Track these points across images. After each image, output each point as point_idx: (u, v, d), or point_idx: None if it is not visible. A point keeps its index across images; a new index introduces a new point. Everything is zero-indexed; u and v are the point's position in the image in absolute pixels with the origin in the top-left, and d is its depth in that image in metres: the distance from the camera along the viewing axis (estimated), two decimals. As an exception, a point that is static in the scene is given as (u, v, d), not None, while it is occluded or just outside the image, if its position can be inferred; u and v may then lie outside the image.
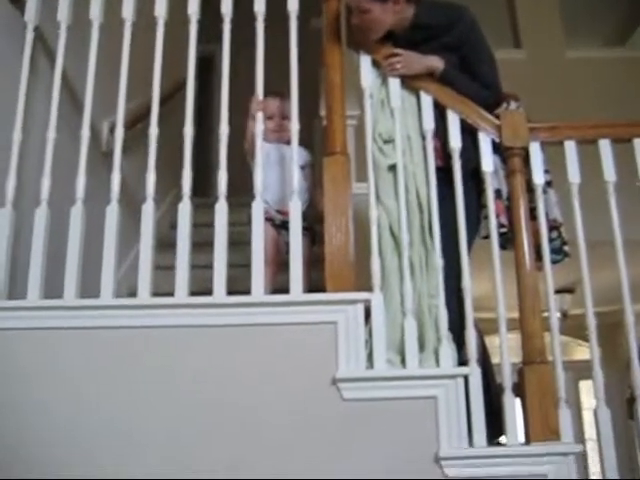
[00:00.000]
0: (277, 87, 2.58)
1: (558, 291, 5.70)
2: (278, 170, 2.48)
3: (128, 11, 2.29)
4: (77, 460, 1.87)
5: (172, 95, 3.56)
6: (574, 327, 5.54)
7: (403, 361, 1.97)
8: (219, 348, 1.95)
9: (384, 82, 2.24)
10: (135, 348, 1.96)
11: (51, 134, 2.17)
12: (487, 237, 2.14)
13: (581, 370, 6.53)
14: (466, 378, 1.94)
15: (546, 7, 5.36)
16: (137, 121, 3.12)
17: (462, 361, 1.99)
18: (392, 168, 2.15)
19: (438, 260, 2.02)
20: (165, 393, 1.93)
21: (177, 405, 1.91)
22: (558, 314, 2.09)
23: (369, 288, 1.99)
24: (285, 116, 2.48)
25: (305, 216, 2.22)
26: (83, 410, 1.91)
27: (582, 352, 7.61)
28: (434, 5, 2.30)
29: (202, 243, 2.27)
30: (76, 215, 2.08)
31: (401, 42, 2.26)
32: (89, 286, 2.08)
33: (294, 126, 2.17)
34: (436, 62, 2.21)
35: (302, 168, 2.52)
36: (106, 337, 1.96)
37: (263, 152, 2.19)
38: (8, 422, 1.90)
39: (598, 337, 2.07)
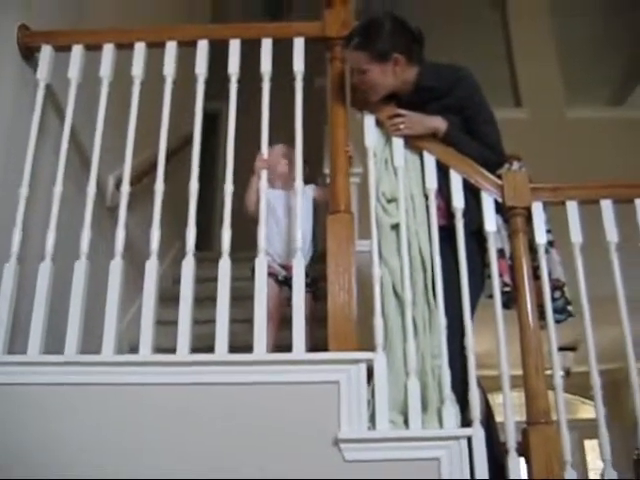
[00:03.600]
0: (281, 143, 2.63)
1: (561, 349, 5.64)
2: (283, 222, 2.49)
3: (137, 69, 2.34)
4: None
5: (177, 151, 3.61)
6: (577, 385, 5.49)
7: (406, 421, 1.95)
8: (220, 406, 1.93)
9: (388, 141, 2.28)
10: (135, 405, 1.94)
11: (58, 189, 2.19)
12: (492, 296, 2.14)
13: (586, 429, 6.44)
14: (469, 439, 1.91)
15: (546, 67, 5.46)
16: (142, 176, 3.15)
17: (466, 421, 1.96)
18: (395, 227, 2.16)
19: (441, 320, 2.02)
20: (163, 450, 1.90)
21: (175, 463, 1.88)
22: (561, 372, 2.06)
23: (372, 347, 1.98)
24: (291, 161, 2.49)
25: (307, 271, 2.22)
26: (80, 467, 1.88)
27: (586, 410, 7.52)
28: (436, 67, 2.34)
29: (204, 298, 2.27)
30: (80, 270, 2.09)
31: (403, 103, 2.30)
32: (90, 340, 2.07)
33: (298, 183, 2.19)
34: (439, 123, 2.24)
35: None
36: (106, 393, 1.94)
37: (268, 201, 2.21)
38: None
39: (602, 395, 2.05)
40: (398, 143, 2.25)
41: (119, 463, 1.89)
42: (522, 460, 1.96)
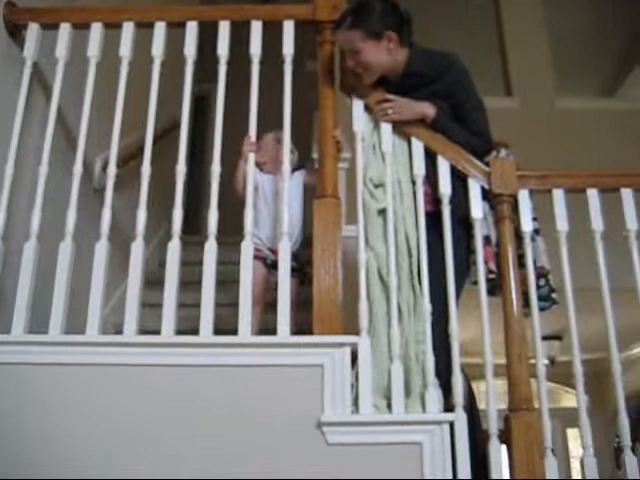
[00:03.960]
0: (270, 127, 2.62)
1: (546, 338, 5.70)
2: (272, 206, 2.48)
3: (125, 49, 2.32)
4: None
5: (165, 133, 3.59)
6: (562, 374, 5.53)
7: (389, 406, 1.95)
8: (204, 388, 1.93)
9: (376, 127, 2.27)
10: (119, 385, 1.93)
11: (43, 168, 2.18)
12: (477, 283, 2.15)
13: (569, 417, 6.50)
14: (452, 424, 1.92)
15: (538, 56, 5.45)
16: (130, 158, 3.14)
17: (449, 407, 1.97)
18: (382, 212, 2.16)
19: (426, 305, 2.02)
20: (145, 432, 1.90)
21: (155, 445, 1.88)
22: (546, 361, 2.08)
23: (356, 331, 1.98)
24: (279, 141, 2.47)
25: (296, 256, 2.23)
26: (65, 447, 1.88)
27: (570, 399, 7.58)
28: (425, 53, 2.33)
29: (191, 281, 2.27)
30: (65, 250, 2.08)
31: (392, 88, 2.30)
32: (75, 321, 2.06)
33: (286, 167, 2.18)
34: (427, 109, 2.23)
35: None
36: (90, 374, 1.94)
37: (257, 185, 2.20)
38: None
39: (585, 384, 2.06)
40: (386, 128, 2.25)
41: (100, 440, 1.88)
42: (504, 447, 1.98)
